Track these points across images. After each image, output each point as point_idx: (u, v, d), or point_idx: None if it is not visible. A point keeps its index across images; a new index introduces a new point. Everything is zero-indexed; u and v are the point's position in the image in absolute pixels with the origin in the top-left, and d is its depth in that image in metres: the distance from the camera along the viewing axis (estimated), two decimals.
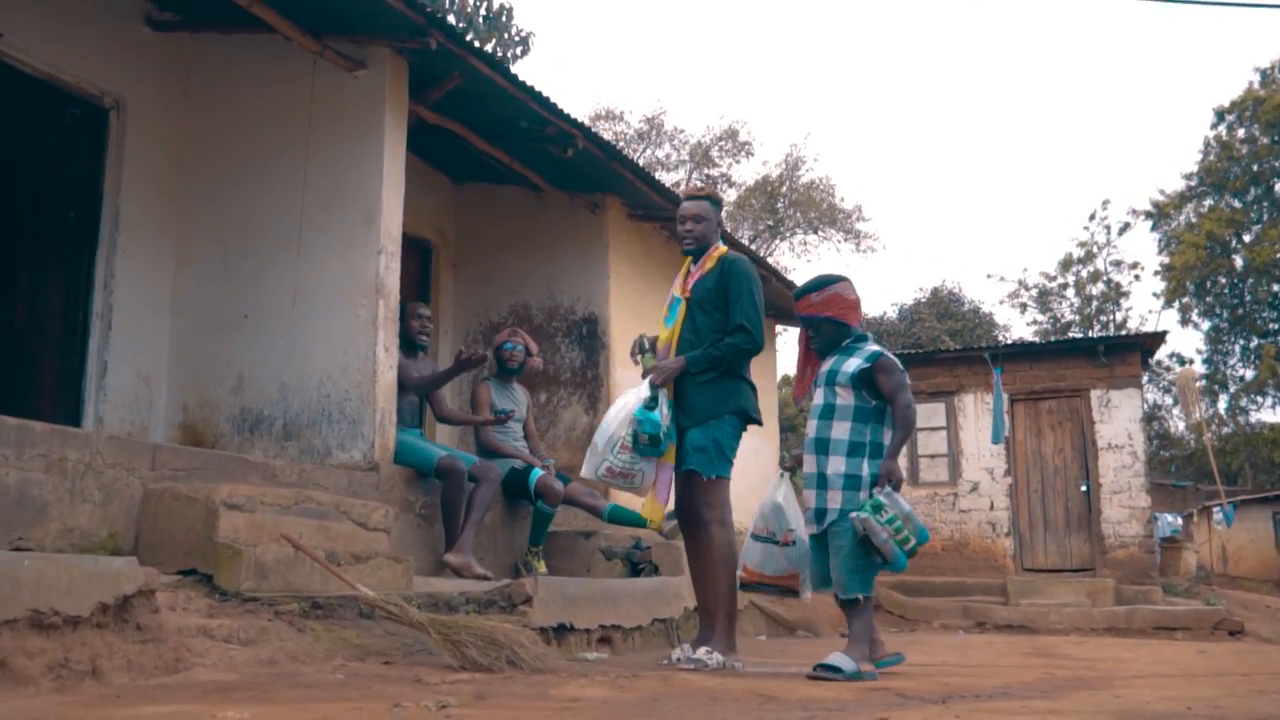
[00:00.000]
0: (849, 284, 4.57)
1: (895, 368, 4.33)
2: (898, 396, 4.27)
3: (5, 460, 4.05)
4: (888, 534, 4.00)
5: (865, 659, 4.12)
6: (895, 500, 4.10)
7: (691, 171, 32.29)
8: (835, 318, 4.50)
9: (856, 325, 4.56)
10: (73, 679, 2.98)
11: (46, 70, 6.21)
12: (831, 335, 4.52)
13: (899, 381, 4.31)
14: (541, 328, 8.86)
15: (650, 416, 4.43)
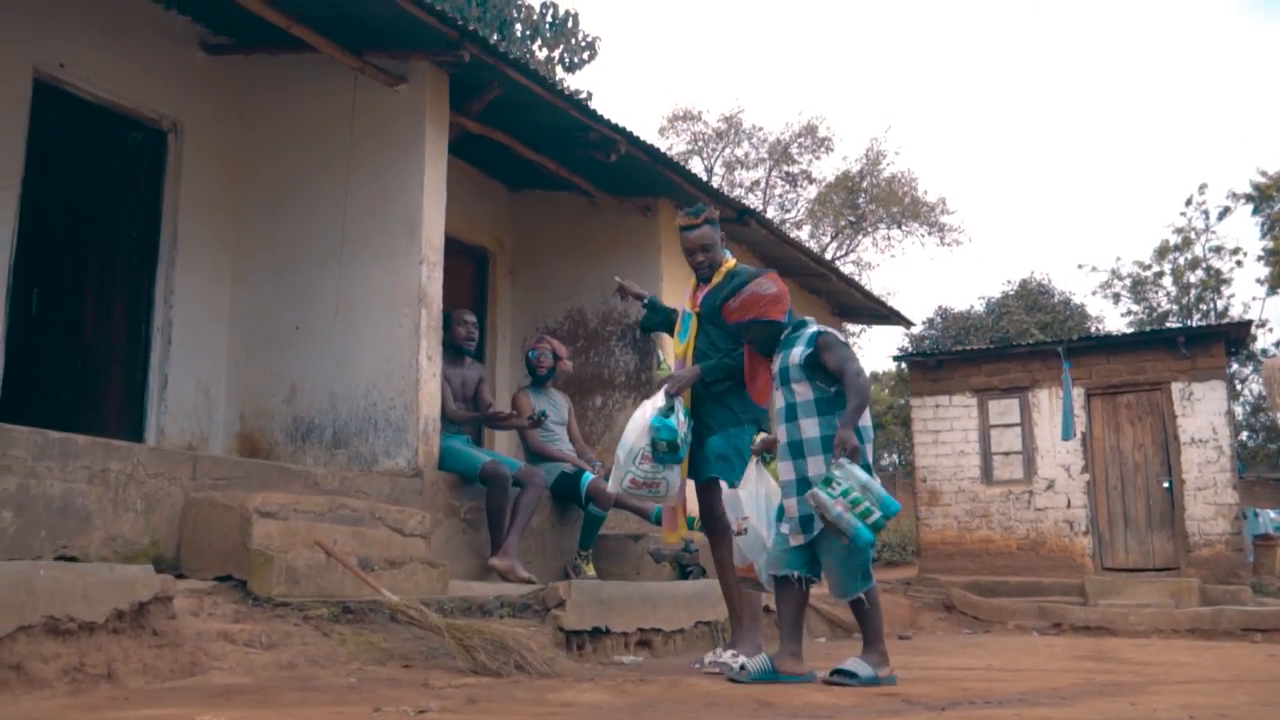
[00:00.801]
0: (764, 279, 4.38)
1: (836, 342, 4.14)
2: (846, 368, 4.02)
3: (49, 472, 4.25)
4: (841, 507, 3.71)
5: (884, 662, 3.98)
6: (849, 471, 3.79)
7: (771, 169, 32.14)
8: (759, 318, 4.31)
9: (783, 317, 4.32)
10: (88, 682, 3.13)
11: (107, 97, 6.50)
12: (763, 336, 4.34)
13: (843, 354, 4.07)
14: (596, 332, 8.93)
15: (666, 423, 4.41)
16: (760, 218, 9.27)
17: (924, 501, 12.40)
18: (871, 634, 4.05)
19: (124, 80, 6.54)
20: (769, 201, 32.34)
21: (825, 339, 4.13)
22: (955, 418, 12.27)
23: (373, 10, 5.87)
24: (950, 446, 12.26)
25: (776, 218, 32.51)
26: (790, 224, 32.32)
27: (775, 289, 4.32)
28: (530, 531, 6.84)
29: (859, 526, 3.74)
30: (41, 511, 4.20)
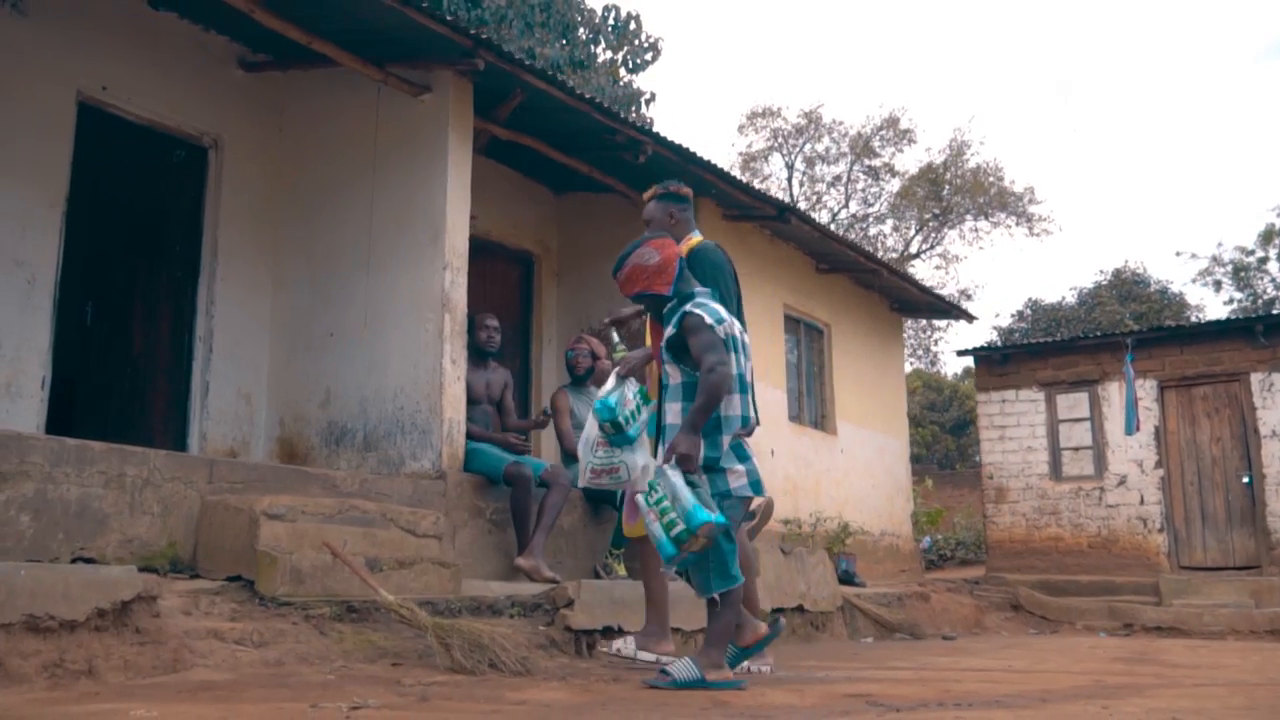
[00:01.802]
0: (646, 248, 4.05)
1: (701, 325, 3.75)
2: (703, 358, 3.68)
3: (66, 477, 4.47)
4: (653, 517, 3.53)
5: (716, 665, 3.67)
6: (668, 479, 3.54)
7: (852, 164, 31.75)
8: (643, 292, 4.01)
9: (666, 289, 3.99)
10: (67, 678, 3.28)
11: (149, 117, 6.78)
12: (654, 309, 4.08)
13: (705, 341, 3.71)
14: (638, 333, 8.91)
15: (605, 403, 4.29)
16: (800, 214, 9.19)
17: (991, 499, 12.12)
18: (712, 635, 3.78)
19: (165, 100, 6.81)
20: (851, 196, 31.98)
21: (690, 320, 3.78)
22: (1022, 413, 11.96)
23: (389, 23, 6.00)
24: (1017, 442, 11.96)
25: (859, 212, 32.12)
26: (873, 218, 31.91)
27: (657, 259, 3.98)
28: (561, 531, 6.91)
29: (662, 539, 3.54)
30: (59, 515, 4.42)
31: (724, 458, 3.77)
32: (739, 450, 3.84)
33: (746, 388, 3.90)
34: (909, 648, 6.90)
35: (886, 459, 11.32)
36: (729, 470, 3.78)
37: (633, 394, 4.33)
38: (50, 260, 6.16)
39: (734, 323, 3.96)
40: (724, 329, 3.80)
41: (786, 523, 9.23)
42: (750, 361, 4.07)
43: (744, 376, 3.89)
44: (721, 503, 3.70)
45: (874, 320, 11.49)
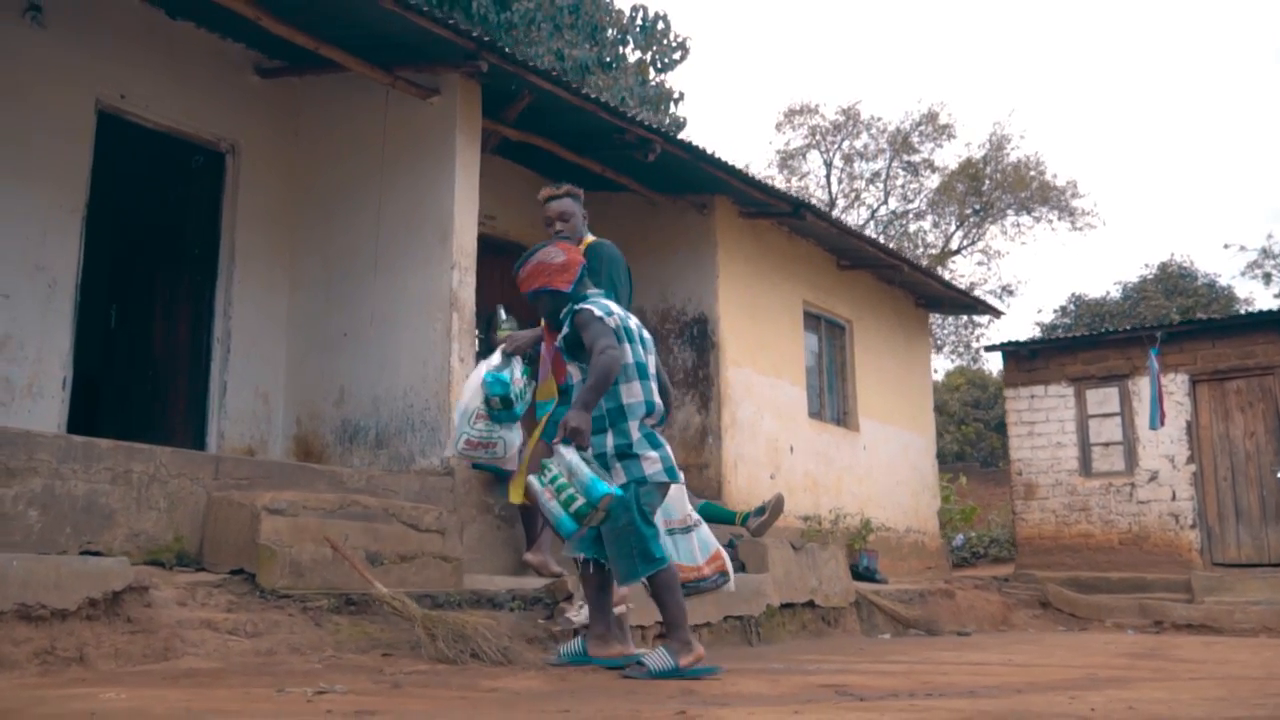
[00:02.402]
0: (553, 247, 4.13)
1: (591, 318, 3.83)
2: (595, 345, 3.74)
3: (73, 473, 4.61)
4: (549, 495, 3.59)
5: (687, 650, 3.68)
6: (562, 457, 3.62)
7: (891, 159, 31.54)
8: (544, 287, 4.05)
9: (567, 288, 4.03)
10: (58, 665, 3.40)
11: (167, 124, 6.95)
12: (551, 307, 4.11)
13: (597, 331, 3.78)
14: (656, 330, 9.00)
15: (499, 377, 4.43)
16: (816, 210, 9.19)
17: (1020, 495, 12.00)
18: (669, 620, 3.79)
19: (183, 107, 6.97)
20: (890, 192, 31.77)
21: (580, 316, 3.86)
22: (1051, 408, 11.84)
23: (393, 27, 6.11)
24: (1046, 438, 11.84)
25: (899, 208, 31.90)
26: (913, 214, 31.67)
27: (563, 258, 4.05)
28: None
29: (561, 515, 3.59)
30: (66, 510, 4.56)
31: (636, 444, 3.81)
32: (651, 438, 3.86)
33: (648, 376, 3.93)
34: (919, 643, 6.88)
35: (912, 456, 11.26)
36: (643, 456, 3.80)
37: (519, 372, 4.50)
38: (71, 265, 6.34)
39: (629, 316, 4.04)
40: (614, 321, 3.87)
41: (806, 519, 9.23)
42: (653, 355, 4.11)
43: (644, 365, 3.93)
44: (639, 489, 3.75)
45: (898, 316, 11.43)
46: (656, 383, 4.03)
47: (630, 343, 3.90)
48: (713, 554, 4.58)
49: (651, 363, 4.05)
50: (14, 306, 6.07)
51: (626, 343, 3.87)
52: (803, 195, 32.22)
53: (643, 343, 4.01)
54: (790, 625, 6.77)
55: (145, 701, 2.67)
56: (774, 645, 6.31)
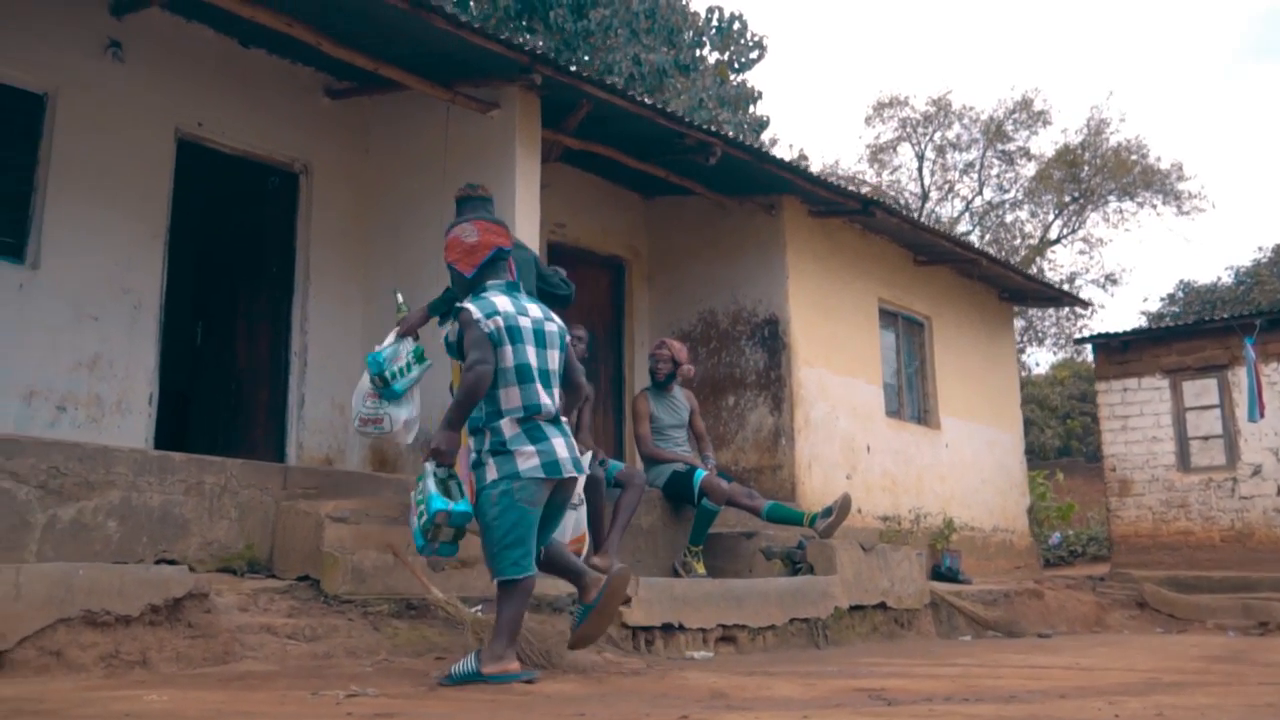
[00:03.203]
0: (470, 225, 4.03)
1: (469, 321, 3.74)
2: (467, 355, 3.67)
3: (150, 485, 4.85)
4: (413, 511, 3.66)
5: (496, 658, 3.56)
6: (426, 474, 3.65)
7: (985, 149, 30.85)
8: (450, 264, 3.97)
9: (467, 271, 3.94)
10: (122, 668, 3.60)
11: (243, 148, 7.24)
12: (454, 285, 4.03)
13: (470, 338, 3.69)
14: (727, 332, 9.03)
15: (375, 357, 4.89)
16: (886, 207, 9.08)
17: (1114, 492, 11.65)
18: (496, 626, 3.70)
19: (257, 130, 7.26)
20: (985, 183, 31.08)
21: (462, 316, 3.78)
22: (1145, 401, 11.45)
23: (449, 45, 6.26)
24: (1141, 432, 11.46)
25: (994, 199, 31.18)
26: (1009, 204, 30.93)
27: (474, 239, 3.94)
28: (640, 530, 7.04)
29: (415, 530, 3.63)
30: (143, 520, 4.80)
31: (510, 441, 3.73)
32: (534, 432, 3.76)
33: (533, 376, 3.82)
34: (993, 646, 6.75)
35: (997, 453, 11.02)
36: (517, 452, 3.71)
37: (406, 352, 4.89)
38: (154, 286, 6.66)
39: (522, 313, 3.90)
40: (495, 323, 3.78)
41: (885, 519, 9.12)
42: (556, 350, 3.99)
43: (527, 367, 3.82)
44: (511, 484, 3.69)
45: (980, 311, 11.20)
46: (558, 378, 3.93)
47: (515, 344, 3.80)
48: (579, 535, 4.65)
49: (554, 358, 3.95)
50: (103, 327, 6.40)
51: (508, 345, 3.78)
52: (895, 189, 31.77)
53: (538, 339, 3.89)
54: (860, 628, 6.71)
55: (183, 703, 2.82)
56: (841, 648, 6.26)
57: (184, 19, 6.86)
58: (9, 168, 6.27)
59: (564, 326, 4.10)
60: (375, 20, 6.05)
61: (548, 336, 3.94)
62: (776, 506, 7.18)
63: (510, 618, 3.64)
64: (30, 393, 6.07)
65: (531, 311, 3.94)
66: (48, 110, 6.41)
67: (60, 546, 4.55)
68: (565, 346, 4.05)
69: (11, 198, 6.24)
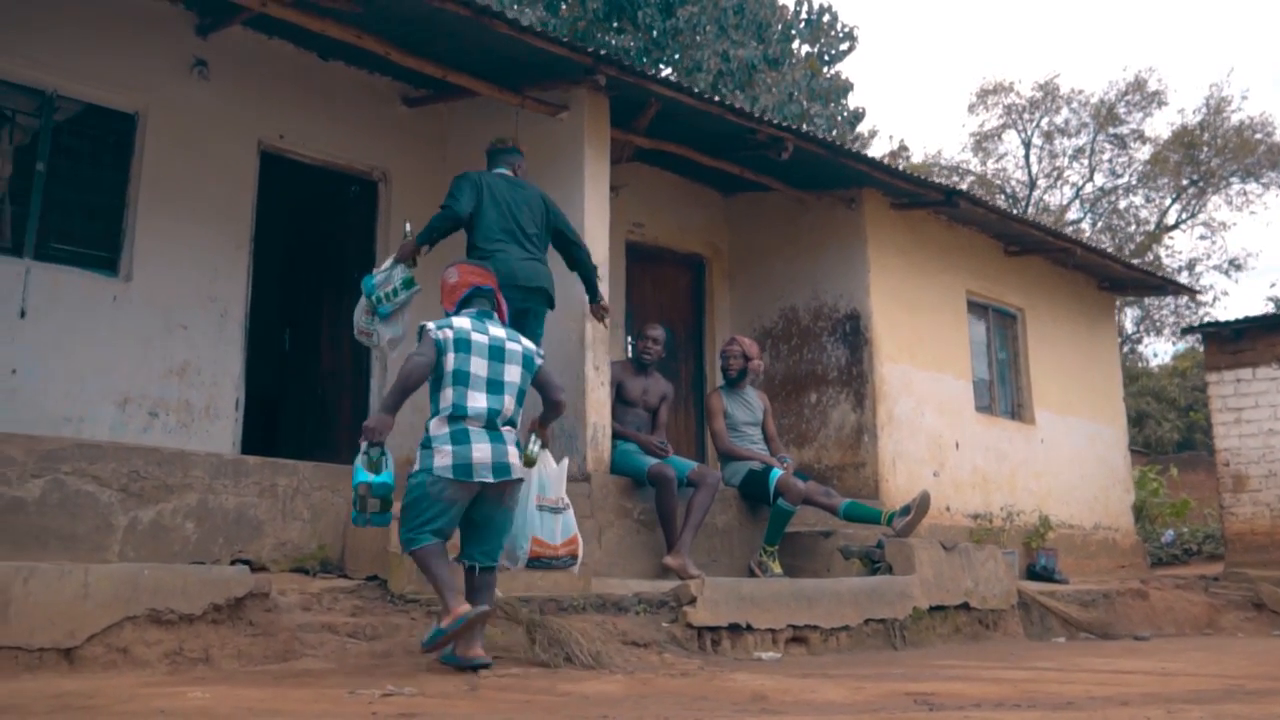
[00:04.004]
0: (454, 268, 4.60)
1: (422, 332, 4.30)
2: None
3: (225, 488, 5.04)
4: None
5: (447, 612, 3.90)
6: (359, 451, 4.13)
7: (1096, 133, 29.78)
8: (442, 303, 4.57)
9: (450, 308, 4.49)
10: (186, 664, 3.74)
11: (323, 158, 7.44)
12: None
13: (421, 343, 4.27)
14: (808, 329, 8.91)
15: (368, 280, 5.57)
16: (970, 197, 8.84)
17: (1228, 488, 11.08)
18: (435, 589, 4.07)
19: (337, 141, 7.45)
20: (1096, 168, 30.01)
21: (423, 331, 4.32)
22: (1261, 392, 10.87)
23: (515, 50, 6.33)
24: (1256, 425, 10.88)
25: (1106, 184, 30.09)
26: (1122, 190, 29.80)
27: (455, 279, 4.52)
28: (715, 530, 7.02)
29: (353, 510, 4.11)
30: (219, 522, 4.99)
31: (435, 440, 4.12)
32: (459, 435, 4.09)
33: (469, 382, 4.17)
34: (1081, 648, 6.52)
35: (1098, 448, 10.62)
36: (437, 449, 4.08)
37: (399, 277, 5.41)
38: (240, 295, 6.89)
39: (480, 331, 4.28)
40: (445, 333, 4.21)
41: (975, 517, 8.89)
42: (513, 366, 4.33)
43: (465, 373, 4.18)
44: (427, 477, 4.06)
45: (1078, 301, 10.81)
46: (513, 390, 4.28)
47: (460, 352, 4.19)
48: (570, 538, 4.70)
49: (510, 372, 4.29)
50: (191, 336, 6.65)
51: (452, 352, 4.18)
52: (1000, 178, 30.92)
53: (494, 354, 4.26)
54: (941, 629, 6.54)
55: (220, 700, 2.91)
56: (920, 649, 6.13)
57: (265, 35, 7.08)
58: (103, 185, 6.57)
59: (533, 350, 4.48)
60: (441, 28, 6.15)
61: (507, 353, 4.32)
62: (854, 505, 7.07)
63: (435, 577, 4.00)
64: (124, 399, 6.35)
65: (493, 331, 4.34)
66: (138, 129, 6.68)
67: (141, 547, 4.77)
68: (533, 367, 4.43)
69: (105, 214, 6.54)
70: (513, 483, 4.20)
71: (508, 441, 4.18)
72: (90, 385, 6.23)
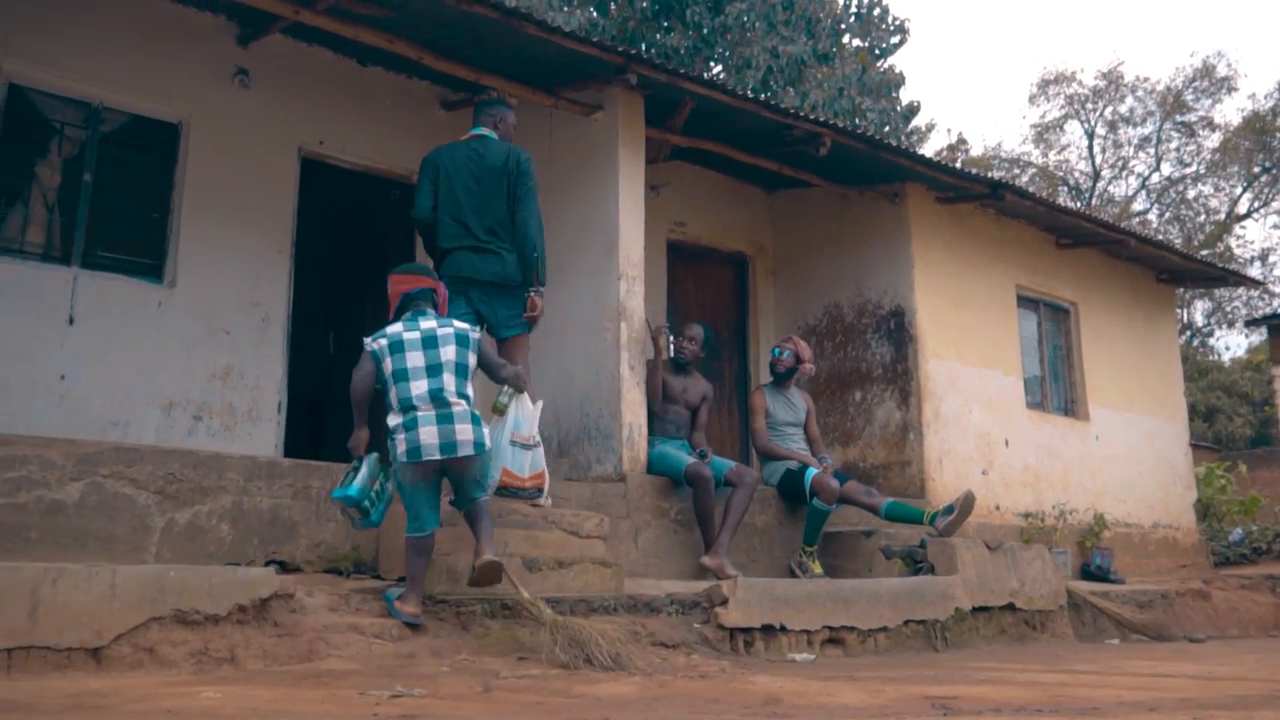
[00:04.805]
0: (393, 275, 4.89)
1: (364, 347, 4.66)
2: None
3: (259, 490, 5.11)
4: None
5: (405, 600, 4.39)
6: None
7: (1162, 122, 29.06)
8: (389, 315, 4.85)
9: (391, 315, 4.80)
10: (211, 664, 3.79)
11: (363, 163, 7.54)
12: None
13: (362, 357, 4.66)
14: (852, 326, 8.80)
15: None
16: (1016, 189, 8.66)
17: None
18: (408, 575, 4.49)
19: (376, 145, 7.54)
20: (1162, 158, 29.30)
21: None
22: None
23: (546, 52, 6.34)
24: None
25: (1173, 174, 29.36)
26: (1190, 179, 29.05)
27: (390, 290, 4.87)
28: (755, 530, 6.97)
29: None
30: (253, 523, 5.07)
31: (394, 430, 4.48)
32: (410, 423, 4.44)
33: (408, 376, 4.51)
34: (1129, 650, 6.35)
35: (1157, 444, 10.34)
36: (397, 440, 4.45)
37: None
38: (281, 299, 7.00)
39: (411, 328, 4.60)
40: (379, 342, 4.61)
41: (1027, 516, 8.70)
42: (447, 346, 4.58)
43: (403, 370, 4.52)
44: (397, 465, 4.48)
45: (1135, 294, 10.53)
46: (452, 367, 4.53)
47: (395, 354, 4.56)
48: (537, 473, 5.12)
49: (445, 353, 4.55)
50: (234, 340, 6.77)
51: (389, 357, 4.56)
52: (1063, 169, 30.31)
53: (426, 343, 4.56)
54: (985, 630, 6.41)
55: (230, 700, 2.95)
56: (962, 651, 6.01)
57: (304, 43, 7.18)
58: (148, 194, 6.72)
59: (465, 328, 4.72)
60: (471, 31, 6.18)
61: (439, 338, 4.60)
62: (895, 505, 6.96)
63: (412, 568, 4.46)
64: (170, 403, 6.49)
65: (424, 325, 4.64)
66: (181, 138, 6.83)
67: (177, 548, 4.86)
68: (468, 343, 4.67)
69: (150, 222, 6.69)
70: (467, 458, 4.46)
71: (457, 420, 4.45)
72: (136, 390, 6.38)
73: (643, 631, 4.87)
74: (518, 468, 4.97)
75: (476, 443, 4.50)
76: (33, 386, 6.08)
